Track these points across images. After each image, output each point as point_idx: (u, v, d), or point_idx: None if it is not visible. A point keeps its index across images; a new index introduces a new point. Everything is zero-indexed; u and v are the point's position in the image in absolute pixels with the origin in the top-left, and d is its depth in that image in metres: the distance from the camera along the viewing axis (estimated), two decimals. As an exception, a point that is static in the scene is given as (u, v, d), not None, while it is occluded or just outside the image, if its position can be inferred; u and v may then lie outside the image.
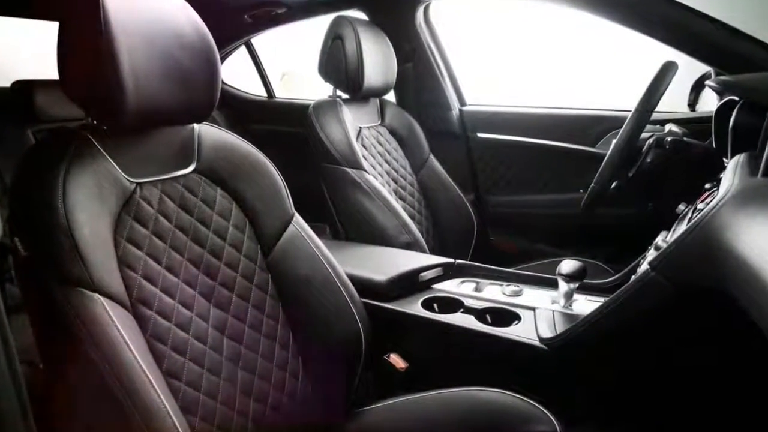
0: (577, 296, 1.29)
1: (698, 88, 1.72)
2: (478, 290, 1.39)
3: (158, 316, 0.89)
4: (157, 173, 0.96)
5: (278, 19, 2.44)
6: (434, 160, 2.09)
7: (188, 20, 0.92)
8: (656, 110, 1.50)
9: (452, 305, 1.31)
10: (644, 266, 0.98)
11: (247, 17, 2.47)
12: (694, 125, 1.66)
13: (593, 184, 1.60)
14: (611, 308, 0.97)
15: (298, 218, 1.13)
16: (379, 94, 2.01)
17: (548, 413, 1.01)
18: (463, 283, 1.43)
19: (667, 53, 1.51)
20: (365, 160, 1.81)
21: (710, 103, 1.59)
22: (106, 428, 0.81)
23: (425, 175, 2.07)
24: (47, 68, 1.03)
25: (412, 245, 1.70)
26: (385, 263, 1.44)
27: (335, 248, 1.23)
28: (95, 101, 0.87)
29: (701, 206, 1.11)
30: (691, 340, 0.97)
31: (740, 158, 0.94)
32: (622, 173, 1.59)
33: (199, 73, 0.92)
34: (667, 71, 1.45)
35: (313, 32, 2.08)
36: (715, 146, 1.24)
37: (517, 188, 2.18)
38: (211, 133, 1.05)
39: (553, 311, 1.24)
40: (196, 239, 0.99)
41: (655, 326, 0.97)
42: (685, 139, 1.55)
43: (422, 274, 1.42)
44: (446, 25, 2.23)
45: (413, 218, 1.93)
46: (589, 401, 1.12)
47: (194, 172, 1.02)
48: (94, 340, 0.76)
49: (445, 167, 2.10)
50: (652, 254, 1.11)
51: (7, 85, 2.14)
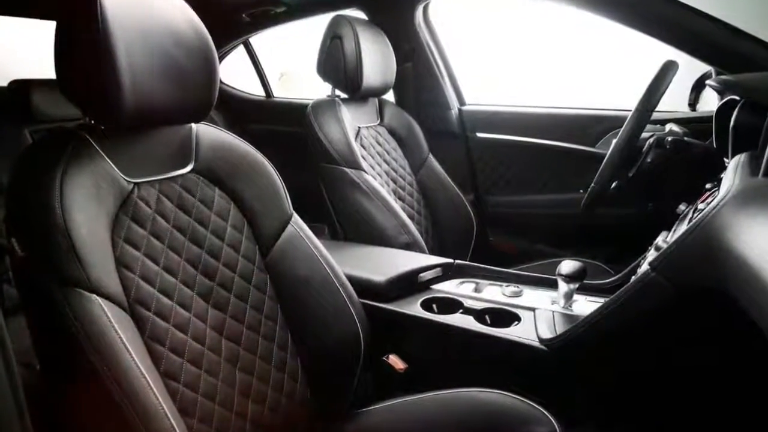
0: (577, 297, 1.29)
1: (699, 87, 1.71)
2: (477, 291, 1.38)
3: (156, 316, 0.89)
4: (154, 173, 0.96)
5: (277, 18, 2.44)
6: (433, 160, 2.09)
7: (186, 19, 0.92)
8: (657, 110, 1.50)
9: (451, 306, 1.31)
10: (644, 267, 0.98)
11: (245, 16, 2.47)
12: (694, 125, 1.66)
13: (593, 184, 1.59)
14: (611, 309, 0.97)
15: (296, 218, 1.13)
16: (378, 93, 2.00)
17: (548, 414, 1.00)
18: (462, 283, 1.43)
19: (667, 52, 1.50)
20: (364, 160, 1.81)
21: (711, 102, 1.58)
22: (103, 430, 0.80)
23: (424, 175, 2.06)
24: (44, 68, 1.02)
25: (411, 245, 1.70)
26: (384, 264, 1.44)
27: (334, 248, 1.23)
28: (93, 101, 0.86)
29: (702, 206, 1.10)
30: (691, 340, 0.97)
31: (741, 158, 0.94)
32: (622, 173, 1.59)
33: (197, 72, 0.92)
34: (667, 70, 1.44)
35: (311, 31, 2.08)
36: (715, 146, 1.24)
37: (516, 188, 2.18)
38: (209, 132, 1.05)
39: (552, 312, 1.24)
40: (194, 239, 0.99)
41: (655, 327, 0.96)
42: (685, 138, 1.55)
43: (421, 274, 1.41)
44: (445, 24, 2.22)
45: (412, 218, 1.93)
46: (589, 402, 1.12)
47: (192, 172, 1.01)
48: (91, 341, 0.76)
49: (444, 167, 2.10)
50: (652, 255, 1.11)
51: (3, 84, 2.14)
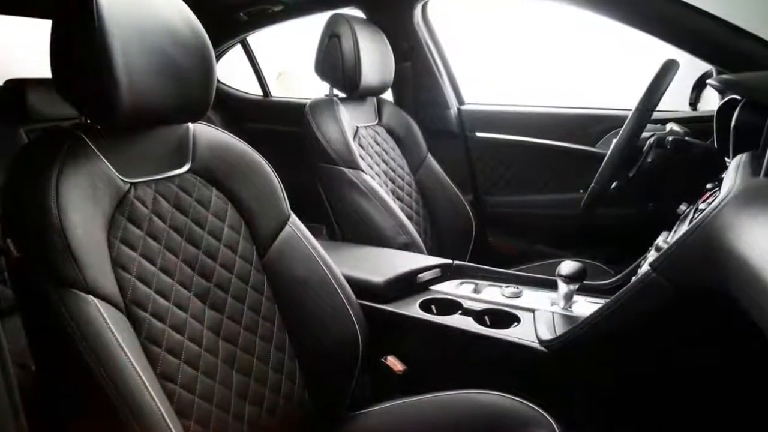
0: (576, 298, 1.28)
1: (700, 86, 1.71)
2: (476, 292, 1.38)
3: (152, 317, 0.88)
4: (151, 173, 0.95)
5: (274, 16, 2.44)
6: (432, 159, 2.08)
7: (183, 17, 0.91)
8: (657, 109, 1.50)
9: (450, 307, 1.30)
10: (645, 267, 0.97)
11: (242, 15, 2.46)
12: (695, 124, 1.65)
13: (593, 184, 1.59)
14: (611, 310, 0.97)
15: (294, 219, 1.12)
16: (376, 93, 1.99)
17: (548, 416, 1.00)
18: (461, 284, 1.42)
19: (668, 51, 1.50)
20: (362, 159, 1.80)
21: (712, 102, 1.58)
22: (99, 431, 0.80)
23: (423, 174, 2.06)
24: (41, 67, 1.01)
25: (409, 246, 1.69)
26: (382, 264, 1.43)
27: (332, 249, 1.22)
28: (89, 100, 0.86)
29: (703, 206, 1.10)
30: (692, 341, 0.96)
31: (742, 158, 0.94)
32: (622, 173, 1.59)
33: (194, 70, 0.92)
34: (668, 70, 1.44)
35: (309, 30, 2.07)
36: (716, 146, 1.24)
37: (516, 188, 2.17)
38: (206, 132, 1.05)
39: (552, 313, 1.23)
40: (190, 240, 0.98)
41: (655, 328, 0.96)
42: (686, 138, 1.54)
43: (420, 275, 1.40)
44: (444, 23, 2.21)
45: (411, 219, 1.92)
46: (589, 404, 1.11)
47: (189, 171, 1.01)
48: (87, 342, 0.75)
49: (443, 167, 2.09)
50: (652, 255, 1.10)
51: (-1, 83, 2.13)
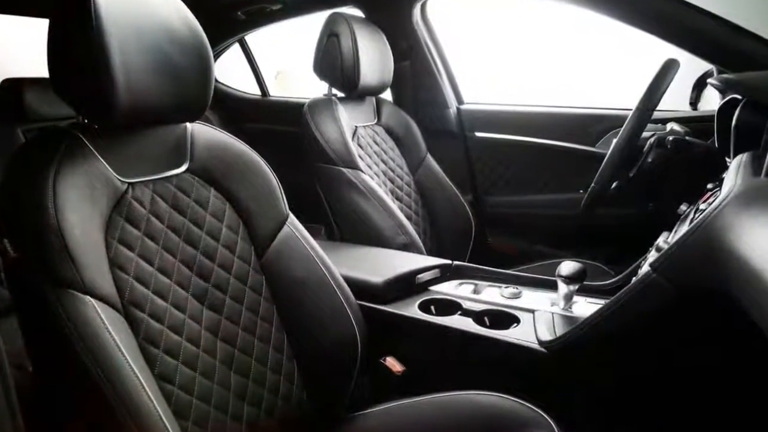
0: (576, 298, 1.27)
1: (700, 86, 1.70)
2: (476, 292, 1.37)
3: (150, 318, 0.88)
4: (149, 173, 0.95)
5: (273, 15, 2.43)
6: (431, 159, 2.08)
7: (180, 17, 0.91)
8: (657, 109, 1.49)
9: (450, 307, 1.30)
10: (645, 268, 0.97)
11: (240, 14, 2.46)
12: (696, 124, 1.65)
13: (593, 184, 1.59)
14: (612, 310, 0.96)
15: (292, 219, 1.12)
16: (375, 92, 1.99)
17: (547, 417, 0.99)
18: (460, 285, 1.42)
19: (668, 51, 1.50)
20: (361, 159, 1.79)
21: (712, 101, 1.57)
22: (97, 432, 0.79)
23: (422, 174, 2.05)
24: (38, 66, 1.01)
25: (408, 246, 1.69)
26: (381, 265, 1.42)
27: (330, 249, 1.22)
28: (86, 99, 0.86)
29: (703, 207, 1.10)
30: (692, 341, 0.96)
31: (743, 158, 0.93)
32: (622, 173, 1.58)
33: (191, 70, 0.91)
34: (668, 69, 1.44)
35: (308, 29, 2.07)
36: (717, 145, 1.23)
37: (515, 188, 2.17)
38: (204, 132, 1.04)
39: (552, 313, 1.23)
40: (188, 240, 0.98)
41: (656, 328, 0.96)
42: (686, 138, 1.54)
43: (419, 275, 1.40)
44: (443, 22, 2.21)
45: (410, 219, 1.91)
46: (589, 405, 1.11)
47: (187, 171, 1.00)
48: (84, 342, 0.75)
49: (442, 167, 2.09)
50: (653, 255, 1.10)
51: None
